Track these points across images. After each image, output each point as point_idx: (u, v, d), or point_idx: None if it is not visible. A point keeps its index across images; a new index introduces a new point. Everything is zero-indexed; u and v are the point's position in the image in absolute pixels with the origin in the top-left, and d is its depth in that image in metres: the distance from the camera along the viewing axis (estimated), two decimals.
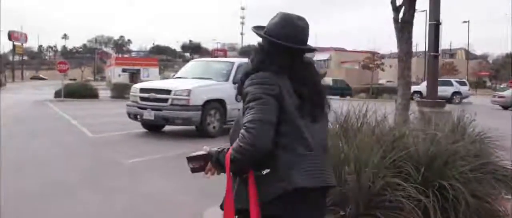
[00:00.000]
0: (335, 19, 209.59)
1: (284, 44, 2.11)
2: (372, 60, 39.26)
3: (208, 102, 11.18)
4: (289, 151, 2.00)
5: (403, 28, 7.93)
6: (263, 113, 1.96)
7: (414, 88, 38.29)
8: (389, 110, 6.38)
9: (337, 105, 6.08)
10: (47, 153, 8.97)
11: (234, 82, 11.64)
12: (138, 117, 11.49)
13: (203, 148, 2.14)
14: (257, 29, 2.26)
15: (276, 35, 2.13)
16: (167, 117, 10.91)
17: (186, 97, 10.87)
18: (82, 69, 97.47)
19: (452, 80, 38.57)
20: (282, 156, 1.99)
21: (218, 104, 11.46)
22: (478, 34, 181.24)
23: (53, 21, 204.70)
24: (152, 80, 38.58)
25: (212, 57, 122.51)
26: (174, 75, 13.34)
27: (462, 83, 37.21)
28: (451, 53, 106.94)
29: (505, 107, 30.98)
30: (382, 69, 40.31)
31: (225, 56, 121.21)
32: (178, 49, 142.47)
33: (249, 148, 1.93)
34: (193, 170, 2.15)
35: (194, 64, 13.73)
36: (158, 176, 7.25)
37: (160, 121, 11.23)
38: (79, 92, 26.44)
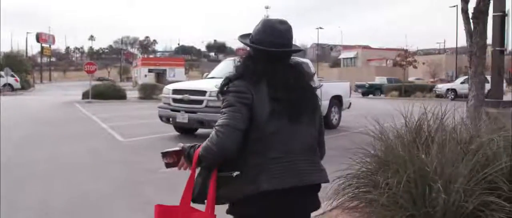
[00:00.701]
0: (360, 17, 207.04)
1: (264, 49, 2.20)
2: (404, 57, 38.03)
3: None
4: (260, 156, 2.11)
5: (478, 19, 7.05)
6: (233, 120, 2.12)
7: (447, 86, 37.22)
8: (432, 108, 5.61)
9: (403, 108, 5.39)
10: (77, 160, 8.36)
11: None
12: (171, 119, 10.84)
13: (178, 144, 2.30)
14: (243, 37, 2.39)
15: (258, 41, 2.23)
16: (202, 119, 10.22)
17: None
18: (109, 70, 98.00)
19: (488, 77, 37.07)
20: (252, 161, 2.11)
21: None
22: None
23: (80, 22, 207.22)
24: (180, 80, 38.35)
25: (237, 56, 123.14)
26: (207, 75, 12.63)
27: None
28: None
29: None
30: (415, 67, 39.05)
31: None
32: (203, 49, 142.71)
33: (215, 149, 2.11)
34: (167, 165, 2.30)
35: (229, 64, 12.94)
36: None
37: (194, 124, 10.54)
38: (107, 93, 26.08)
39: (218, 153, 2.12)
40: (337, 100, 14.11)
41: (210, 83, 11.06)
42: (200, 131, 11.43)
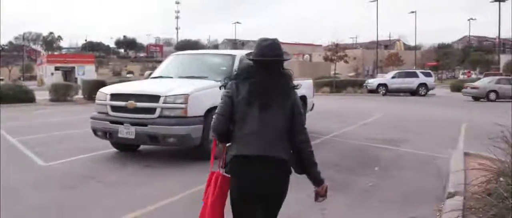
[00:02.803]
0: (276, 12, 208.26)
1: (250, 59, 3.11)
2: (334, 52, 36.99)
3: (209, 111, 8.06)
4: (239, 130, 3.00)
5: None
6: (220, 109, 3.08)
7: (378, 81, 36.66)
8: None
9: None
10: None
11: None
12: (110, 134, 8.18)
13: None
14: (247, 55, 3.31)
15: (253, 54, 3.08)
16: (155, 134, 7.69)
17: (182, 105, 7.69)
18: (10, 69, 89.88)
19: (418, 71, 37.07)
20: (235, 135, 3.03)
21: None
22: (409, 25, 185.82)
23: None
24: (90, 78, 34.51)
25: (148, 52, 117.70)
26: (150, 74, 10.00)
27: (427, 75, 35.75)
28: (386, 45, 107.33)
29: (477, 98, 29.58)
30: (346, 62, 38.19)
31: (161, 52, 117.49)
32: (112, 45, 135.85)
33: (212, 131, 3.18)
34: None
35: (178, 59, 10.41)
36: None
37: (144, 140, 7.97)
38: (11, 96, 22.07)
39: (214, 133, 3.14)
40: (302, 102, 11.96)
41: (161, 85, 8.54)
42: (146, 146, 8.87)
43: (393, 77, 35.65)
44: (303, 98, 12.16)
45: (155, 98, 7.78)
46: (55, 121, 13.95)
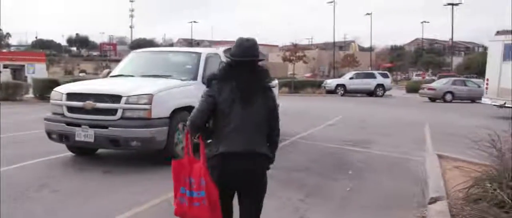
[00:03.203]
0: (230, 13, 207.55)
1: (232, 58, 3.29)
2: (293, 53, 36.82)
3: (174, 112, 7.53)
4: (223, 129, 3.19)
5: None
6: (200, 106, 3.26)
7: (336, 81, 36.76)
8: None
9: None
10: None
11: (204, 82, 8.12)
12: (66, 138, 7.50)
13: None
14: (225, 52, 3.48)
15: (233, 54, 3.28)
16: (117, 137, 7.08)
17: (146, 106, 7.11)
18: None
19: (375, 72, 37.39)
20: (218, 133, 3.22)
21: (187, 114, 7.79)
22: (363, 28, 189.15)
23: None
24: (42, 77, 32.92)
25: (101, 51, 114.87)
26: (109, 72, 9.33)
27: (384, 76, 36.10)
28: (340, 46, 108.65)
29: (433, 99, 30.05)
30: (305, 62, 38.08)
31: (115, 50, 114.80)
32: (64, 43, 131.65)
33: (189, 123, 3.31)
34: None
35: (139, 57, 9.75)
36: None
37: (105, 144, 7.34)
38: None
39: (190, 126, 3.30)
40: None
41: (123, 84, 7.94)
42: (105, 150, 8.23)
43: (351, 78, 35.81)
44: None
45: (116, 98, 7.17)
46: (4, 122, 12.99)
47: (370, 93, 34.86)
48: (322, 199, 6.21)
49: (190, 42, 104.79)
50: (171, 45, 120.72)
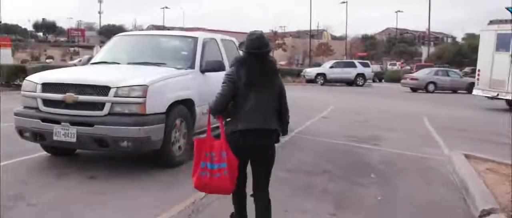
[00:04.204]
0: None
1: (249, 51, 3.78)
2: (273, 41, 35.73)
3: (171, 106, 6.39)
4: (240, 110, 3.75)
5: None
6: (223, 91, 3.76)
7: (316, 70, 35.89)
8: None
9: None
10: None
11: (203, 71, 7.02)
12: (41, 137, 6.26)
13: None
14: (240, 46, 4.06)
15: (248, 47, 3.78)
16: (104, 136, 5.89)
17: (139, 99, 5.93)
18: None
19: (356, 61, 36.62)
20: (237, 112, 3.76)
21: (184, 108, 6.69)
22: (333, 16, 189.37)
23: None
24: (7, 63, 30.75)
25: (69, 37, 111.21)
26: (90, 58, 8.06)
27: (365, 65, 35.39)
28: (312, 34, 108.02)
29: (415, 89, 29.49)
30: (284, 50, 37.06)
31: (83, 36, 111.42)
32: (30, 28, 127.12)
33: (213, 107, 3.80)
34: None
35: (124, 42, 8.39)
36: None
37: (88, 145, 6.12)
38: None
39: (214, 110, 3.80)
40: None
41: (110, 73, 6.75)
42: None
43: (331, 67, 34.98)
44: None
45: (103, 90, 5.96)
46: None
47: (350, 82, 34.13)
48: (353, 212, 5.23)
49: (161, 29, 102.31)
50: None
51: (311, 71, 35.33)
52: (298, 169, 6.97)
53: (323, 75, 34.09)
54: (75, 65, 41.35)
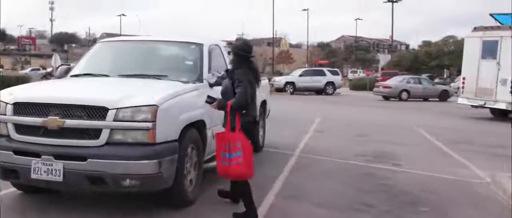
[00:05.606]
0: (155, 7, 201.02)
1: (246, 55, 4.94)
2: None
3: (184, 131, 5.03)
4: (252, 103, 4.93)
5: None
6: (247, 89, 4.71)
7: (285, 79, 34.84)
8: None
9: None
10: None
11: (212, 85, 5.71)
12: (16, 174, 4.75)
13: (217, 98, 4.89)
14: (234, 47, 5.17)
15: (244, 50, 4.95)
16: (101, 174, 4.46)
17: (148, 124, 4.54)
18: None
19: (325, 69, 35.77)
20: (250, 105, 4.85)
21: (196, 132, 5.35)
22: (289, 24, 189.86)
23: None
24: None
25: (19, 45, 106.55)
26: (68, 69, 6.49)
27: (334, 73, 34.57)
28: (269, 42, 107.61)
29: (387, 97, 28.90)
30: None
31: (34, 44, 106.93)
32: None
33: (240, 103, 4.70)
34: (207, 102, 4.86)
35: (112, 49, 6.79)
36: None
37: (80, 184, 4.62)
38: None
39: (243, 106, 4.75)
40: (262, 109, 9.25)
41: (103, 89, 5.34)
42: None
43: (301, 75, 33.99)
44: (264, 104, 9.41)
45: (98, 111, 4.54)
46: None
47: (319, 91, 33.25)
48: None
49: (113, 37, 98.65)
50: (94, 40, 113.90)
51: (280, 80, 34.24)
52: (331, 203, 5.75)
53: (292, 84, 33.06)
54: (26, 74, 38.70)
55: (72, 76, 6.20)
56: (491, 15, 18.81)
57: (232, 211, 5.01)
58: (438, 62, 69.91)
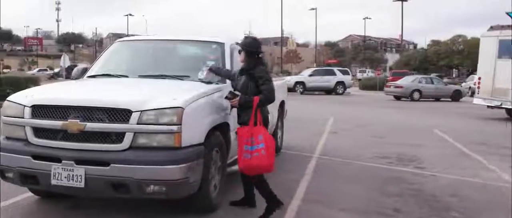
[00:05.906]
0: (161, 7, 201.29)
1: (259, 52, 4.99)
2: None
3: (210, 134, 4.83)
4: None
5: None
6: (272, 86, 4.87)
7: (295, 78, 34.58)
8: None
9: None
10: None
11: (235, 86, 5.51)
12: (35, 179, 4.56)
13: (239, 93, 4.88)
14: (246, 45, 5.10)
15: (256, 48, 4.99)
16: (125, 180, 4.26)
17: (173, 127, 4.33)
18: None
19: (335, 69, 35.49)
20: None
21: (220, 135, 5.14)
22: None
23: None
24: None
25: (26, 46, 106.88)
26: (85, 70, 6.31)
27: (345, 73, 34.30)
28: (276, 42, 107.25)
29: (398, 97, 28.60)
30: None
31: (41, 45, 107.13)
32: None
33: (269, 98, 4.87)
34: (227, 98, 4.87)
35: (130, 49, 6.65)
36: None
37: (102, 190, 4.41)
38: None
39: (271, 100, 4.93)
40: (280, 109, 9.06)
41: (124, 90, 5.14)
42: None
43: (310, 75, 33.76)
44: (282, 104, 9.21)
45: (121, 114, 4.34)
46: None
47: (329, 91, 33.01)
48: None
49: (120, 37, 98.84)
50: (101, 40, 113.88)
51: (289, 80, 33.93)
52: (357, 208, 5.53)
53: (302, 83, 32.82)
54: (33, 75, 38.52)
55: (89, 77, 6.01)
56: (507, 14, 18.48)
57: (256, 215, 4.90)
58: (447, 61, 69.32)
